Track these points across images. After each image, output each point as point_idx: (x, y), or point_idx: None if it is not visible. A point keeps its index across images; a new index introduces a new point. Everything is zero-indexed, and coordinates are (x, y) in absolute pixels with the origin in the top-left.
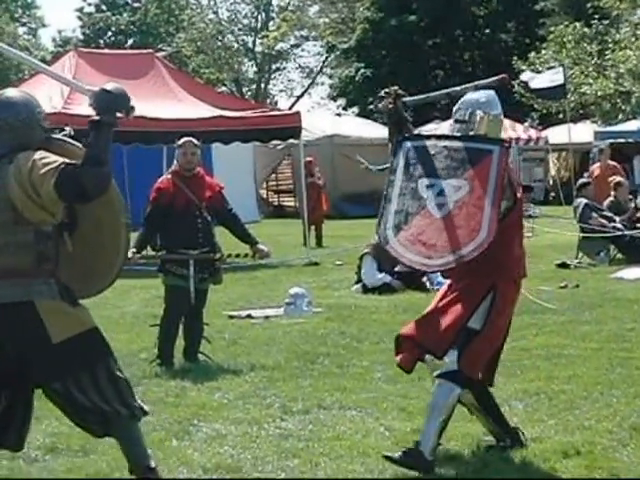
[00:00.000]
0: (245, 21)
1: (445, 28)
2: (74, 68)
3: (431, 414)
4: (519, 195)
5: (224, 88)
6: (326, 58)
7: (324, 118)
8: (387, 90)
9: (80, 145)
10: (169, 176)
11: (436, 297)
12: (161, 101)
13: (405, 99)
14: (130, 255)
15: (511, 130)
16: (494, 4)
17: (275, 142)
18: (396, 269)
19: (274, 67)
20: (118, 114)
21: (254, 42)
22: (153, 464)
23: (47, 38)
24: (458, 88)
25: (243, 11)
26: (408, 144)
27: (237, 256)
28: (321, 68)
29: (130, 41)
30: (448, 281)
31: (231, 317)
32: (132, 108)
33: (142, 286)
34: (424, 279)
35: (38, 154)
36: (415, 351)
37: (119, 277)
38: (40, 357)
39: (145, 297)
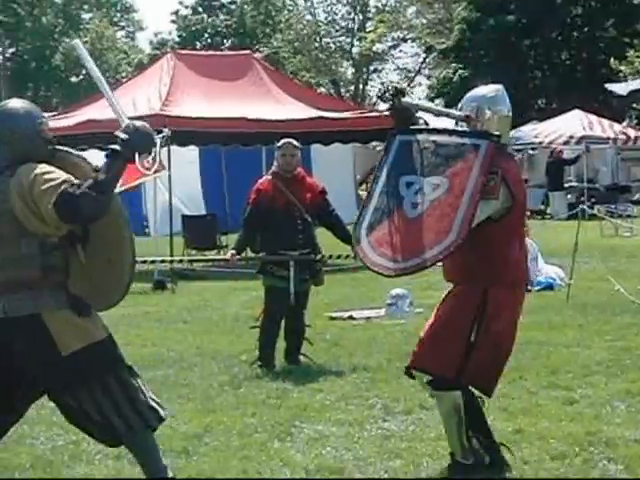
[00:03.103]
0: (342, 22)
1: (542, 28)
2: (172, 70)
3: (446, 426)
4: (519, 196)
5: (322, 90)
6: (424, 59)
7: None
8: (390, 86)
9: (85, 157)
10: (269, 177)
11: (435, 309)
12: (259, 102)
13: (403, 99)
14: (229, 256)
15: (609, 130)
16: (591, 2)
17: (374, 143)
18: None
19: (372, 68)
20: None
21: (351, 43)
22: (170, 474)
23: (144, 41)
24: (446, 110)
25: (340, 12)
26: (399, 138)
27: (338, 257)
28: (419, 69)
29: (227, 43)
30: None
31: (332, 318)
32: (150, 150)
33: (242, 288)
34: None
35: (40, 168)
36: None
37: (220, 279)
38: (50, 369)
39: (245, 299)
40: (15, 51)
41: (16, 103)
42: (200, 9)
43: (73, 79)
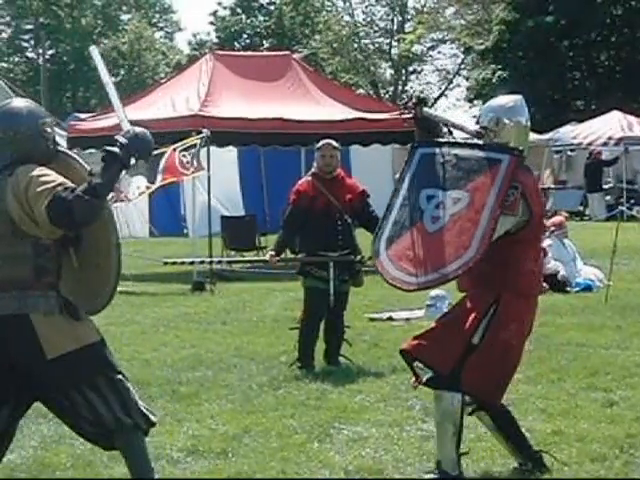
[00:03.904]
0: (381, 23)
1: (582, 28)
2: (211, 71)
3: (440, 430)
4: (537, 209)
5: (361, 91)
6: (462, 60)
7: (461, 120)
8: (407, 96)
9: (84, 163)
10: (309, 178)
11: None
12: (298, 103)
13: (424, 109)
14: (269, 257)
15: None
16: (632, 2)
17: None
18: None
19: (410, 69)
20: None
21: (390, 44)
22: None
23: (183, 41)
24: (461, 124)
25: (379, 13)
26: (420, 151)
27: None
28: (458, 70)
29: (265, 44)
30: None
31: (372, 319)
32: (147, 157)
33: (282, 289)
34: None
35: (37, 170)
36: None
37: (260, 280)
38: (35, 372)
39: (284, 300)
40: (55, 52)
41: (19, 102)
42: (239, 10)
43: (112, 80)
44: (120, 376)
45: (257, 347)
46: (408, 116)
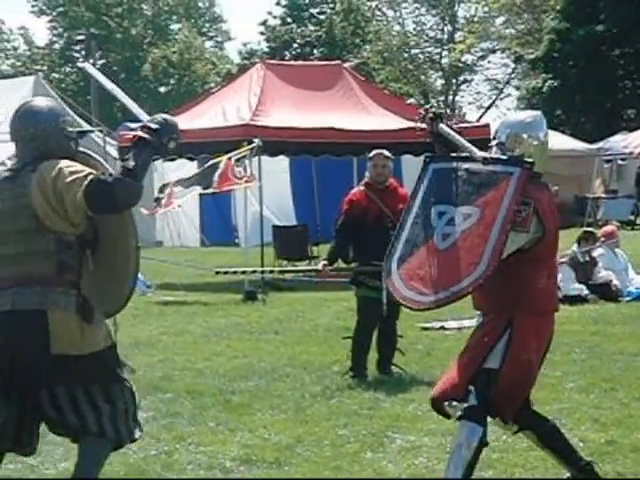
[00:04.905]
0: (431, 33)
1: (633, 37)
2: (262, 80)
3: (452, 458)
4: (550, 226)
5: (412, 100)
6: (513, 69)
7: None
8: (423, 109)
9: (104, 162)
10: (362, 188)
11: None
12: (350, 112)
13: (440, 125)
14: (321, 267)
15: None
16: None
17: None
18: (590, 281)
19: (461, 79)
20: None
21: (440, 54)
22: None
23: (233, 51)
24: (471, 148)
25: (429, 23)
26: (432, 167)
27: None
28: (508, 80)
29: (316, 53)
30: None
31: (424, 329)
32: (176, 140)
33: (334, 298)
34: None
35: (64, 162)
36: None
37: (312, 289)
38: (35, 363)
39: (337, 309)
40: (105, 62)
41: (40, 101)
42: (289, 19)
43: (162, 89)
44: (118, 385)
45: (310, 357)
46: (421, 126)
